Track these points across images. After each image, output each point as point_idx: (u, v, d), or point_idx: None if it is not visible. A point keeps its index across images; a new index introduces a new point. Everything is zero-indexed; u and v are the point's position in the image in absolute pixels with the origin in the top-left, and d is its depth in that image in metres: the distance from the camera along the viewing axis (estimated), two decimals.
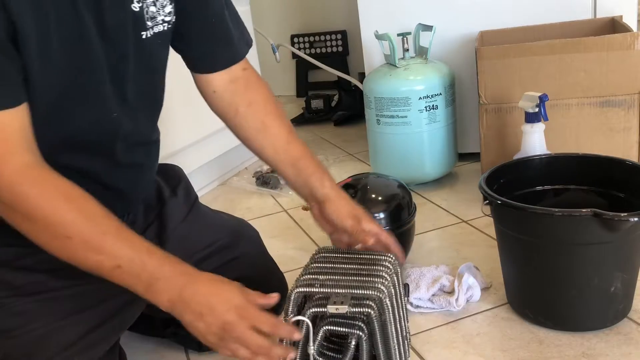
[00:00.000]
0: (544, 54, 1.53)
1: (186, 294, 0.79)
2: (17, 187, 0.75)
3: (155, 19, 0.91)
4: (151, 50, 0.92)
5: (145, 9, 0.88)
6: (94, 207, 0.79)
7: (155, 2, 0.90)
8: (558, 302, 1.05)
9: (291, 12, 3.30)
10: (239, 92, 1.05)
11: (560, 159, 1.21)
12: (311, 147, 2.43)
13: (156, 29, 0.91)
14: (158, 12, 0.91)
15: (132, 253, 0.79)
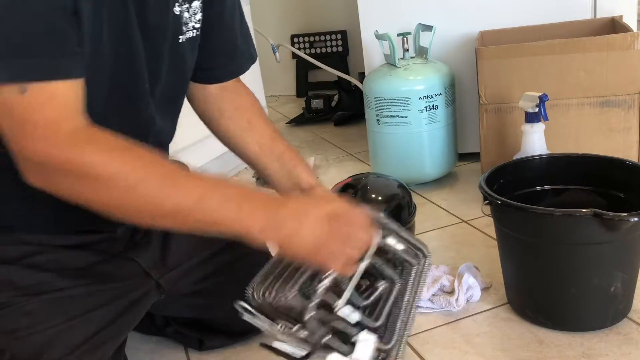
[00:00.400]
0: (544, 54, 1.53)
1: (281, 208, 0.77)
2: (72, 147, 0.72)
3: (187, 25, 0.93)
4: (184, 54, 0.95)
5: (183, 13, 0.91)
6: (152, 154, 0.76)
7: (189, 8, 0.93)
8: (558, 302, 1.05)
9: (291, 12, 3.30)
10: (227, 99, 1.08)
11: (560, 159, 1.21)
12: (311, 147, 2.45)
13: (188, 35, 0.94)
14: (190, 18, 0.93)
15: (210, 182, 0.77)
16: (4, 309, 0.87)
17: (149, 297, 1.01)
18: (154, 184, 0.74)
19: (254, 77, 2.23)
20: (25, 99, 0.71)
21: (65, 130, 0.73)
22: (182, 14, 0.91)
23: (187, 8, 0.92)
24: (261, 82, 2.29)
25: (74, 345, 0.89)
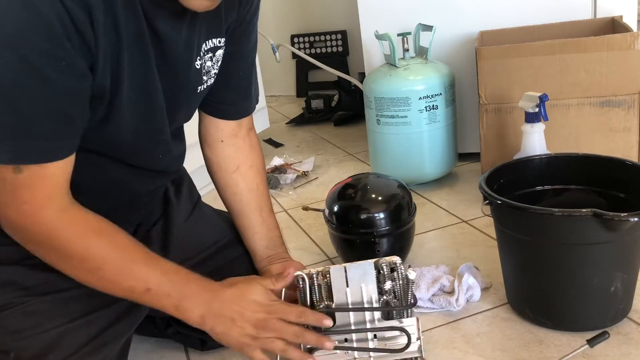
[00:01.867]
0: (544, 54, 1.53)
1: (215, 307, 0.85)
2: (54, 230, 0.80)
3: (209, 73, 0.96)
4: (198, 100, 1.00)
5: (205, 63, 0.93)
6: (123, 238, 0.85)
7: (212, 57, 0.94)
8: (558, 302, 1.05)
9: (291, 12, 3.30)
10: (243, 150, 1.12)
11: (560, 159, 1.21)
12: (311, 147, 2.46)
13: (209, 82, 0.97)
14: (213, 67, 0.96)
15: (160, 276, 0.85)
16: (8, 310, 0.87)
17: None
18: (114, 271, 0.83)
19: None
20: (19, 178, 0.75)
21: (51, 210, 0.79)
22: (203, 66, 0.93)
23: (211, 57, 0.94)
24: (261, 82, 2.29)
25: (78, 346, 0.89)
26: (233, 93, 1.07)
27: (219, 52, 0.95)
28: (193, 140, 1.81)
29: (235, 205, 1.12)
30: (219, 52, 0.95)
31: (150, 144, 0.93)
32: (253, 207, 1.11)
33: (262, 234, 1.11)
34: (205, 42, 0.91)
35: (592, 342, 0.99)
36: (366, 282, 0.93)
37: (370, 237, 1.28)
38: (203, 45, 0.91)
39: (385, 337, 0.95)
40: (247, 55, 1.06)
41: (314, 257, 1.48)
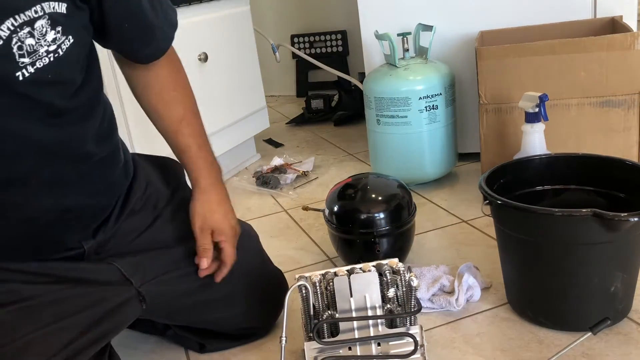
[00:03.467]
0: (544, 54, 1.53)
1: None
2: None
3: (37, 53, 0.78)
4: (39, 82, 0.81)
5: (18, 45, 0.76)
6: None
7: (32, 32, 0.76)
8: (558, 302, 1.05)
9: (291, 12, 3.30)
10: (139, 73, 1.02)
11: (560, 159, 1.21)
12: (311, 147, 2.45)
13: (42, 63, 0.78)
14: (40, 43, 0.78)
15: None
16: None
17: (129, 306, 0.97)
18: None
19: (254, 77, 2.23)
20: None
21: None
22: (19, 47, 0.75)
23: (30, 33, 0.75)
24: (261, 82, 2.29)
25: (47, 356, 0.84)
26: (126, 42, 0.94)
27: (39, 24, 0.76)
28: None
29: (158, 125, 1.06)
30: (39, 24, 0.76)
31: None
32: (165, 137, 1.06)
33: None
34: (12, 16, 0.73)
35: (594, 329, 0.99)
36: (370, 291, 0.93)
37: (370, 237, 1.28)
38: (9, 22, 0.73)
39: (388, 344, 0.95)
40: (127, 5, 0.89)
41: (314, 257, 1.48)
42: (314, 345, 0.94)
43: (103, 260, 0.97)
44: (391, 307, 0.94)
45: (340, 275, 0.94)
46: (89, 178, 0.92)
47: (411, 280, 0.94)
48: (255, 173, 2.07)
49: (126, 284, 0.96)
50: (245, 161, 2.26)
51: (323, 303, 0.95)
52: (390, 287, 0.94)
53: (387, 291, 0.94)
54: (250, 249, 1.15)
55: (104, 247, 1.00)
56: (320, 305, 0.95)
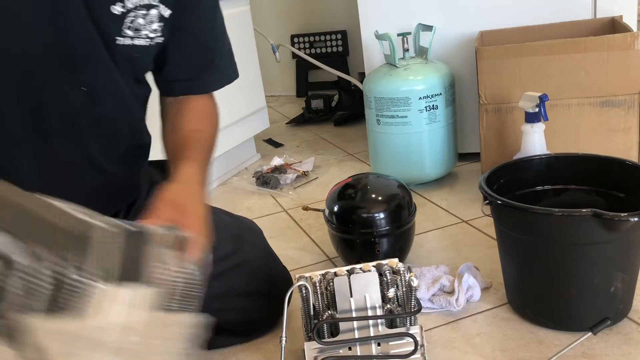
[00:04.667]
0: (544, 54, 1.53)
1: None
2: None
3: (139, 32, 0.91)
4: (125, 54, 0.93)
5: (133, 19, 0.89)
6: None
7: (146, 15, 0.90)
8: (558, 302, 1.05)
9: (291, 12, 3.30)
10: (173, 106, 1.04)
11: (560, 159, 1.21)
12: (311, 147, 2.45)
13: (137, 42, 0.91)
14: (146, 27, 0.91)
15: None
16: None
17: None
18: None
19: (254, 77, 2.23)
20: None
21: None
22: (133, 20, 0.87)
23: (144, 15, 0.88)
24: (261, 82, 2.29)
25: None
26: (181, 70, 1.00)
27: (153, 12, 0.89)
28: None
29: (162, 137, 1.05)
30: (153, 12, 0.89)
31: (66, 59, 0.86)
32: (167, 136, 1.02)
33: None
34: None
35: (594, 329, 0.99)
36: (370, 291, 0.93)
37: (370, 237, 1.28)
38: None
39: (388, 344, 0.95)
40: (198, 29, 0.98)
41: (314, 257, 1.48)
42: (314, 345, 0.94)
43: None
44: (391, 307, 0.94)
45: (340, 275, 0.94)
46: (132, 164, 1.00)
47: (411, 280, 0.94)
48: (255, 173, 2.07)
49: None
50: (245, 161, 2.26)
51: (323, 303, 0.95)
52: (390, 287, 0.94)
53: (387, 291, 0.94)
54: (256, 243, 1.16)
55: None
56: (320, 305, 0.95)
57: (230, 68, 1.07)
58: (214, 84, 1.05)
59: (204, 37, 1.00)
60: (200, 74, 1.02)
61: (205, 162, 0.97)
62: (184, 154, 0.95)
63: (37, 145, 0.88)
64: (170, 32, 0.94)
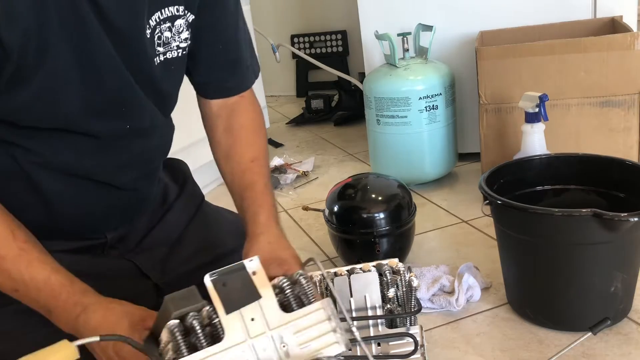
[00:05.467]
0: (544, 54, 1.53)
1: (79, 325, 0.78)
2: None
3: (169, 45, 0.91)
4: (164, 72, 0.94)
5: (160, 34, 0.89)
6: (23, 241, 0.79)
7: (171, 27, 0.89)
8: (558, 302, 1.05)
9: (291, 12, 3.30)
10: (222, 117, 1.04)
11: (560, 159, 1.21)
12: (311, 147, 2.45)
13: (170, 55, 0.92)
14: (173, 38, 0.91)
15: (27, 279, 0.78)
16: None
17: (146, 297, 1.00)
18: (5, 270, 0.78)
19: None
20: None
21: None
22: (160, 37, 0.87)
23: (169, 27, 0.87)
24: (261, 82, 2.29)
25: None
26: (215, 71, 1.00)
27: (179, 22, 0.88)
28: (193, 140, 1.81)
29: (222, 177, 1.05)
30: (179, 22, 0.88)
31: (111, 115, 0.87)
32: (228, 180, 1.03)
33: (237, 206, 1.01)
34: (160, 10, 0.85)
35: (594, 329, 0.99)
36: (370, 291, 0.93)
37: (370, 237, 1.28)
38: (157, 14, 0.85)
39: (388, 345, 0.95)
40: (225, 26, 0.97)
41: None
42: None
43: (121, 257, 1.00)
44: (391, 307, 0.94)
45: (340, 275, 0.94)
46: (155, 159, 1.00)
47: (411, 281, 0.94)
48: None
49: (143, 278, 0.99)
50: None
51: None
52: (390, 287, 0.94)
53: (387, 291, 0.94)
54: None
55: (122, 241, 1.02)
56: None
57: (254, 60, 1.06)
58: (247, 81, 1.05)
59: (230, 32, 0.99)
60: (233, 71, 1.02)
61: (271, 193, 1.00)
62: (255, 200, 0.97)
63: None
64: (195, 33, 0.93)
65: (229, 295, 0.67)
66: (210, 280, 0.68)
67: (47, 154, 0.85)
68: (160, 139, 0.99)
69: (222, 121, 1.03)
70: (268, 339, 0.68)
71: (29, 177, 0.86)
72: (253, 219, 0.95)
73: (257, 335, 0.67)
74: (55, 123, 0.83)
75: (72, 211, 0.91)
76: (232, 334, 0.66)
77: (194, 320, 0.67)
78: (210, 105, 1.04)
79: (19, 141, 0.83)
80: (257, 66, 1.08)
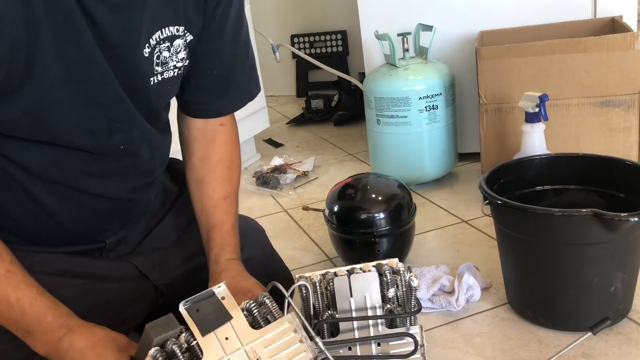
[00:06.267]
0: (544, 54, 1.53)
1: (61, 347, 0.78)
2: None
3: (166, 65, 0.91)
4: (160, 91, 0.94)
5: (158, 54, 0.89)
6: (6, 265, 0.79)
7: (170, 47, 0.89)
8: (558, 302, 1.05)
9: (291, 12, 3.30)
10: (200, 144, 1.03)
11: (560, 159, 1.21)
12: (311, 147, 2.45)
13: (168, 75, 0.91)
14: (171, 58, 0.90)
15: (13, 301, 0.78)
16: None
17: (146, 298, 1.00)
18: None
19: None
20: None
21: None
22: (158, 56, 0.86)
23: (168, 47, 0.87)
24: (261, 82, 2.28)
25: None
26: (203, 93, 1.00)
27: (177, 42, 0.89)
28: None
29: (193, 204, 1.05)
30: (177, 42, 0.89)
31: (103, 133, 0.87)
32: (197, 210, 1.03)
33: (204, 241, 1.02)
34: (160, 29, 0.85)
35: (594, 329, 0.99)
36: (370, 291, 0.93)
37: (370, 237, 1.28)
38: (158, 33, 0.85)
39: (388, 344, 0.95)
40: (221, 52, 0.97)
41: (314, 257, 1.48)
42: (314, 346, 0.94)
43: (120, 258, 1.00)
44: (391, 307, 0.94)
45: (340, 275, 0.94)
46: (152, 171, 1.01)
47: (411, 280, 0.94)
48: (255, 173, 2.07)
49: (143, 279, 1.00)
50: (245, 161, 2.26)
51: (323, 303, 0.95)
52: (390, 287, 0.94)
53: (387, 291, 0.94)
54: (259, 241, 1.16)
55: (121, 244, 1.02)
56: (320, 305, 0.94)
57: (253, 82, 1.06)
58: (235, 105, 1.04)
59: (226, 59, 0.98)
60: (221, 95, 1.02)
61: (236, 233, 1.02)
62: (220, 242, 0.99)
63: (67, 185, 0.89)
64: (192, 55, 0.93)
65: (203, 319, 0.74)
66: (184, 308, 0.74)
67: (38, 166, 0.85)
68: (155, 152, 0.98)
69: (199, 149, 1.03)
70: (242, 354, 0.74)
71: (25, 189, 0.86)
72: (216, 260, 0.98)
73: (232, 352, 0.73)
74: (44, 137, 0.83)
75: (69, 221, 0.92)
76: (209, 353, 0.72)
77: (173, 346, 0.72)
78: (190, 126, 1.03)
79: (10, 153, 0.83)
80: (256, 88, 1.08)
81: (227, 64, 0.99)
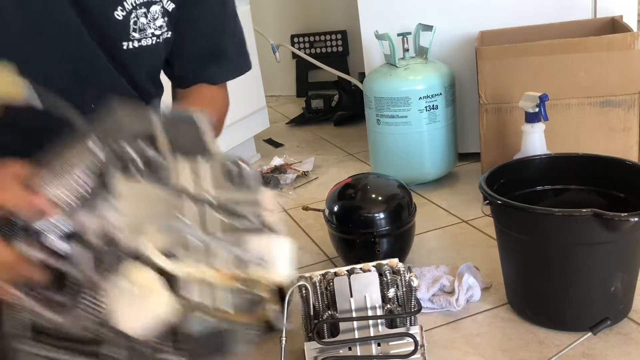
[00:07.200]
0: (544, 54, 1.53)
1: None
2: None
3: (144, 32, 0.90)
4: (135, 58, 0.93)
5: (135, 19, 0.88)
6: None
7: (147, 13, 0.89)
8: (558, 302, 1.05)
9: (291, 12, 3.30)
10: (189, 98, 1.02)
11: (560, 159, 1.21)
12: (311, 147, 2.45)
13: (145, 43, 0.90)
14: (149, 25, 0.90)
15: None
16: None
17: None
18: None
19: (254, 77, 2.23)
20: None
21: None
22: (135, 21, 0.86)
23: (145, 13, 0.87)
24: (261, 82, 2.29)
25: None
26: (194, 62, 0.99)
27: (154, 8, 0.88)
28: None
29: None
30: (154, 8, 0.88)
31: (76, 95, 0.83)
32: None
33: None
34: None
35: (594, 329, 0.99)
36: (370, 291, 0.93)
37: (370, 237, 1.28)
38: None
39: (388, 345, 0.95)
40: (208, 18, 0.96)
41: (314, 257, 1.48)
42: (314, 345, 0.94)
43: None
44: (391, 307, 0.94)
45: (340, 275, 0.94)
46: None
47: (411, 281, 0.94)
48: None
49: None
50: None
51: (323, 303, 0.95)
52: (390, 287, 0.94)
53: (387, 291, 0.94)
54: None
55: None
56: (320, 306, 0.95)
57: (242, 58, 1.05)
58: (224, 75, 1.03)
59: (212, 27, 0.98)
60: (209, 65, 1.01)
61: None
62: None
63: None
64: (177, 25, 0.93)
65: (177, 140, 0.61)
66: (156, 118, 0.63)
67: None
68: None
69: (182, 95, 1.02)
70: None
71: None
72: None
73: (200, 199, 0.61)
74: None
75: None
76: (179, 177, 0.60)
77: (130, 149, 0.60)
78: (182, 98, 1.03)
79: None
80: (244, 64, 1.06)
81: (215, 29, 0.98)
